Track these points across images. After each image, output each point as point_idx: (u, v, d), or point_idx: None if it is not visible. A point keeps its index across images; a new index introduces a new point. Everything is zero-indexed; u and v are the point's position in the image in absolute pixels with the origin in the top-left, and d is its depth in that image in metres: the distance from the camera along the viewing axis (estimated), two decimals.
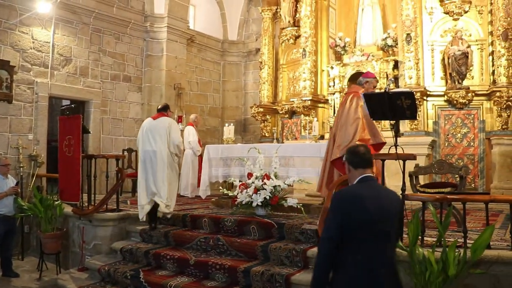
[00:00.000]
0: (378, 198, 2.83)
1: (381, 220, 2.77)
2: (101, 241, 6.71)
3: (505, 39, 9.11)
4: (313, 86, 10.94)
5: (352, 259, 2.73)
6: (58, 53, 9.74)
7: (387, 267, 2.77)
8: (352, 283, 2.71)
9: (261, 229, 5.89)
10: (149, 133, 6.78)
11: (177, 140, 6.82)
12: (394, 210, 2.90)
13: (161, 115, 7.02)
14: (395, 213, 2.92)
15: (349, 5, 11.82)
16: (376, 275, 2.70)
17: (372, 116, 4.83)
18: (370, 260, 2.71)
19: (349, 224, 2.73)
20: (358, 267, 2.70)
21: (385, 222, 2.79)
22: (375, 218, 2.74)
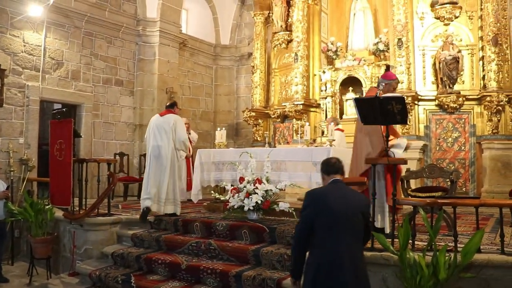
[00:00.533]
0: (342, 197, 3.34)
1: (344, 216, 3.23)
2: (92, 245, 6.67)
3: (495, 44, 9.19)
4: (305, 91, 10.97)
5: (319, 246, 3.24)
6: (49, 56, 9.70)
7: (350, 261, 3.16)
8: (318, 267, 3.17)
9: (252, 233, 5.89)
10: (155, 130, 7.12)
11: (183, 136, 7.15)
12: (357, 210, 3.31)
13: (168, 112, 7.32)
14: (358, 212, 3.31)
15: (341, 10, 11.88)
16: (339, 265, 3.13)
17: (364, 121, 4.85)
18: (334, 250, 3.17)
19: (316, 216, 3.26)
20: (323, 254, 3.20)
21: (348, 218, 3.24)
22: (337, 214, 3.22)
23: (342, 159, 6.68)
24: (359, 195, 3.53)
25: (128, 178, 10.57)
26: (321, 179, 3.67)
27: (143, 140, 11.57)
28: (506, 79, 9.42)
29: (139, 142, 11.62)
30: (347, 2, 11.72)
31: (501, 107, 9.12)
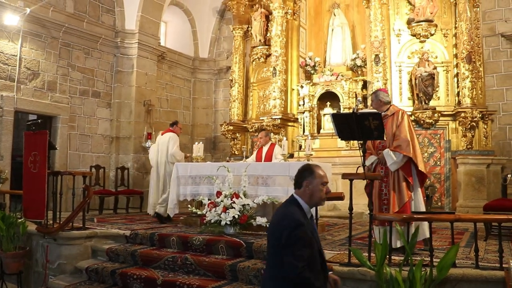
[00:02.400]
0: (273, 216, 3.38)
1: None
2: (65, 260, 6.53)
3: (469, 61, 9.40)
4: (283, 105, 11.02)
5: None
6: (25, 66, 9.57)
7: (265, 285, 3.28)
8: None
9: (229, 248, 5.85)
10: (158, 147, 8.78)
11: (171, 150, 8.50)
12: (269, 230, 3.32)
13: (167, 131, 8.89)
14: (269, 235, 3.30)
15: (319, 25, 12.03)
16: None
17: (341, 137, 4.89)
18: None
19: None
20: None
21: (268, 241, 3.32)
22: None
23: None
24: (278, 212, 3.33)
25: (104, 191, 10.43)
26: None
27: (119, 152, 11.50)
28: (480, 96, 9.65)
29: (116, 155, 11.50)
30: (326, 18, 11.89)
31: (475, 123, 9.31)
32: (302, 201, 3.25)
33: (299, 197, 3.26)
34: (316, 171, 3.27)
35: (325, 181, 3.27)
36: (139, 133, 11.68)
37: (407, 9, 10.18)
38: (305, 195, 3.25)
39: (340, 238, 6.52)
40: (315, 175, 3.24)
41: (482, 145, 9.51)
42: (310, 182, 3.23)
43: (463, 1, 9.64)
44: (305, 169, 3.30)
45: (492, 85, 10.75)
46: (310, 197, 3.24)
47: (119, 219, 8.81)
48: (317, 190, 3.23)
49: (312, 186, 3.23)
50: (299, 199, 3.25)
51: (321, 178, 3.25)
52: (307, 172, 3.27)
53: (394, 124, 5.49)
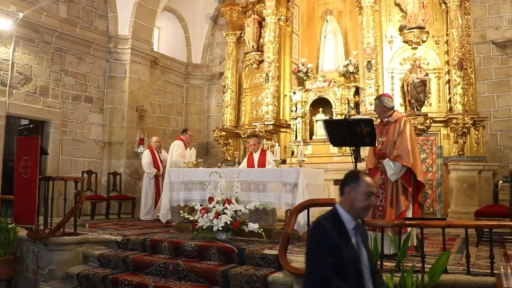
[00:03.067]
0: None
1: None
2: (56, 266, 6.49)
3: (460, 68, 9.47)
4: (276, 111, 11.04)
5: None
6: (17, 71, 9.54)
7: None
8: None
9: (221, 254, 5.84)
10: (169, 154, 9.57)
11: (174, 157, 9.10)
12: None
13: (177, 139, 9.70)
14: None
15: (312, 32, 12.08)
16: None
17: (333, 143, 4.90)
18: None
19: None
20: None
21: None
22: None
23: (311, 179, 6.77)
24: (313, 225, 3.09)
25: (95, 196, 10.39)
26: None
27: (112, 158, 11.47)
28: (471, 102, 9.71)
29: (108, 160, 11.47)
30: (318, 24, 11.94)
31: (467, 129, 9.36)
32: (343, 210, 3.00)
33: (340, 206, 3.03)
34: (362, 178, 3.01)
35: (370, 191, 2.98)
36: (132, 139, 11.66)
37: (399, 16, 10.24)
38: (346, 203, 3.01)
39: None
40: (360, 183, 2.99)
41: (474, 151, 9.56)
42: (352, 189, 2.99)
43: (454, 8, 9.72)
44: (350, 175, 3.08)
45: (483, 91, 10.85)
46: (351, 206, 2.99)
47: (111, 224, 8.77)
48: (359, 199, 2.97)
49: (354, 194, 2.98)
50: (338, 208, 3.03)
51: (366, 187, 2.97)
52: (352, 178, 3.04)
53: (396, 131, 5.48)
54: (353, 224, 2.98)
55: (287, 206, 6.59)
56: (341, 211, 3.00)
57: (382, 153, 5.58)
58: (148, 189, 10.08)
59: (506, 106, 10.73)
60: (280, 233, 6.28)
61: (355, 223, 3.00)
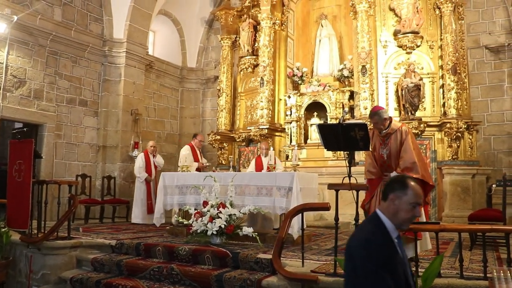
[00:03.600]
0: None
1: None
2: (50, 270, 6.46)
3: (454, 73, 9.52)
4: (270, 115, 11.05)
5: None
6: (11, 74, 9.51)
7: None
8: None
9: (215, 258, 5.83)
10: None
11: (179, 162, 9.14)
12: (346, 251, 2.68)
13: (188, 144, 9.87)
14: (346, 254, 2.68)
15: (307, 36, 12.12)
16: None
17: (327, 147, 4.91)
18: None
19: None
20: None
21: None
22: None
23: (305, 183, 6.77)
24: (356, 232, 2.85)
25: (90, 200, 10.35)
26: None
27: (106, 161, 11.45)
28: (465, 107, 9.76)
29: (102, 164, 11.44)
30: (313, 29, 11.98)
31: (461, 133, 9.40)
32: (385, 218, 2.70)
33: (382, 213, 2.72)
34: (411, 186, 2.70)
35: (417, 201, 2.68)
36: (126, 142, 11.64)
37: (393, 20, 10.29)
38: (389, 211, 2.70)
39: (326, 248, 6.53)
40: (407, 191, 2.68)
41: (468, 156, 9.60)
42: (397, 197, 2.69)
43: (448, 13, 9.78)
44: (398, 180, 2.78)
45: (477, 96, 10.93)
46: (394, 215, 2.69)
47: (105, 228, 8.74)
48: (403, 209, 2.67)
49: (399, 203, 2.68)
50: (381, 215, 2.72)
51: (413, 197, 2.67)
52: (399, 184, 2.73)
53: (398, 142, 5.44)
54: (396, 233, 2.70)
55: (281, 210, 6.59)
56: (384, 219, 2.70)
57: (387, 165, 5.56)
58: (138, 193, 10.09)
59: (499, 110, 10.81)
60: (275, 237, 6.28)
61: (398, 232, 2.72)
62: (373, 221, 2.72)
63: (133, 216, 10.00)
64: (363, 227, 2.76)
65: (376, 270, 2.45)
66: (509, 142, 10.71)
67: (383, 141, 5.60)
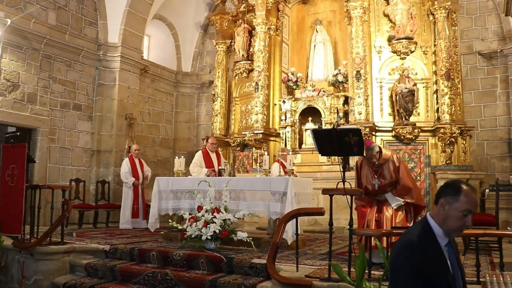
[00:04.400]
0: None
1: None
2: (42, 276, 6.41)
3: (448, 78, 9.58)
4: (265, 120, 11.06)
5: None
6: (4, 78, 9.47)
7: None
8: None
9: (210, 263, 5.81)
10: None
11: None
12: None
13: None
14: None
15: (301, 41, 12.16)
16: None
17: (321, 152, 4.93)
18: None
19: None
20: None
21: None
22: None
23: (300, 188, 6.78)
24: (403, 234, 2.70)
25: (83, 205, 10.31)
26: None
27: (100, 166, 11.41)
28: (458, 112, 9.81)
29: (96, 168, 11.40)
30: (308, 34, 12.02)
31: (454, 138, 9.46)
32: (435, 223, 2.52)
33: (432, 218, 2.54)
34: (464, 192, 2.49)
35: (469, 208, 2.46)
36: (121, 147, 11.61)
37: (387, 26, 10.35)
38: (439, 216, 2.51)
39: (320, 253, 6.53)
40: (459, 198, 2.47)
41: (461, 161, 9.65)
42: (448, 203, 2.49)
43: (442, 20, 9.85)
44: (451, 185, 2.56)
45: (470, 101, 10.99)
46: (444, 220, 2.49)
47: (99, 233, 8.70)
48: (453, 216, 2.47)
49: (449, 209, 2.48)
50: (430, 220, 2.54)
51: (465, 204, 2.45)
52: (451, 188, 2.53)
53: (392, 171, 5.72)
54: (446, 240, 2.51)
55: (276, 215, 6.59)
56: (433, 224, 2.52)
57: (383, 191, 5.80)
58: (126, 198, 10.01)
59: (492, 116, 10.88)
60: (269, 242, 6.27)
61: (448, 239, 2.53)
62: (421, 224, 2.56)
63: (122, 222, 9.90)
64: (411, 230, 2.61)
65: (411, 274, 2.33)
66: (502, 147, 10.77)
67: (376, 171, 5.83)
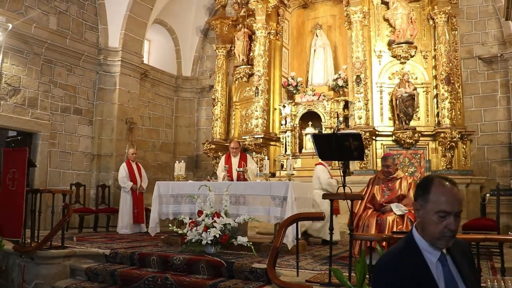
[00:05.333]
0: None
1: None
2: (43, 280, 6.41)
3: (448, 83, 9.58)
4: (265, 124, 11.06)
5: None
6: (5, 82, 9.49)
7: None
8: None
9: (210, 268, 5.80)
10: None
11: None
12: None
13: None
14: None
15: (301, 46, 12.17)
16: None
17: (321, 157, 4.93)
18: None
19: None
20: None
21: None
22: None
23: (300, 193, 6.78)
24: (381, 256, 2.35)
25: (84, 209, 10.30)
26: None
27: (100, 170, 11.41)
28: (459, 117, 9.82)
29: (97, 173, 11.40)
30: (308, 38, 12.04)
31: (454, 143, 9.45)
32: (418, 235, 2.09)
33: (415, 228, 2.13)
34: (434, 188, 2.04)
35: (443, 209, 1.99)
36: (121, 151, 11.62)
37: (387, 31, 10.37)
38: (418, 225, 2.11)
39: (321, 257, 6.52)
40: (429, 197, 2.03)
41: (462, 165, 9.65)
42: (421, 205, 2.07)
43: (442, 24, 9.86)
44: (420, 183, 2.16)
45: (471, 106, 11.00)
46: (422, 229, 2.07)
47: (99, 237, 8.70)
48: (429, 221, 2.02)
49: (423, 213, 2.05)
50: (414, 232, 2.12)
51: (439, 204, 2.00)
52: (420, 187, 2.12)
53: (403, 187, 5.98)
54: (437, 254, 2.05)
55: (276, 220, 6.59)
56: (417, 237, 2.09)
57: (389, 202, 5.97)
58: (124, 203, 9.96)
59: (492, 120, 10.88)
60: (269, 247, 6.27)
61: (440, 251, 2.06)
62: (405, 238, 2.15)
63: (120, 227, 9.85)
64: (396, 245, 2.21)
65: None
66: (502, 152, 10.77)
67: (387, 184, 6.05)
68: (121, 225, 9.86)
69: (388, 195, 5.96)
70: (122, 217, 9.89)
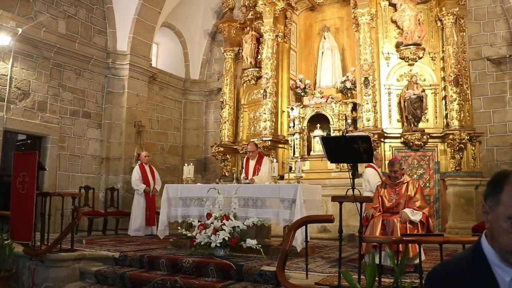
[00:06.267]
0: None
1: None
2: (53, 283, 6.43)
3: (456, 84, 9.54)
4: (273, 127, 11.07)
5: None
6: (15, 86, 9.56)
7: None
8: None
9: (219, 270, 5.81)
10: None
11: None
12: None
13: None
14: None
15: (309, 48, 12.17)
16: None
17: (330, 159, 4.92)
18: None
19: None
20: None
21: None
22: None
23: (309, 195, 6.77)
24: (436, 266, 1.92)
25: (93, 212, 10.35)
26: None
27: (109, 173, 11.45)
28: (467, 118, 9.78)
29: (106, 176, 11.45)
30: (316, 41, 12.03)
31: (463, 145, 9.41)
32: (488, 245, 1.67)
33: (485, 236, 1.71)
34: (508, 187, 1.63)
35: None
36: (129, 154, 11.66)
37: (395, 33, 10.35)
38: (488, 233, 1.69)
39: (330, 260, 6.51)
40: (501, 197, 1.63)
41: (471, 167, 9.61)
42: (490, 208, 1.68)
43: (450, 25, 9.83)
44: (491, 180, 1.75)
45: (479, 107, 10.93)
46: (492, 238, 1.66)
47: (108, 240, 8.73)
48: (499, 228, 1.62)
49: (492, 217, 1.66)
50: (483, 241, 1.70)
51: (510, 207, 1.59)
52: (491, 185, 1.72)
53: (410, 191, 5.98)
54: (510, 271, 1.61)
55: (285, 222, 6.58)
56: (486, 247, 1.68)
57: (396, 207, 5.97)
58: (137, 205, 10.05)
59: (501, 121, 10.81)
60: (278, 250, 6.26)
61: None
62: (472, 247, 1.74)
63: (132, 229, 9.93)
64: (459, 254, 1.84)
65: None
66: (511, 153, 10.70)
67: (394, 189, 6.05)
68: (133, 227, 9.91)
69: (395, 199, 5.96)
70: (135, 219, 9.94)
